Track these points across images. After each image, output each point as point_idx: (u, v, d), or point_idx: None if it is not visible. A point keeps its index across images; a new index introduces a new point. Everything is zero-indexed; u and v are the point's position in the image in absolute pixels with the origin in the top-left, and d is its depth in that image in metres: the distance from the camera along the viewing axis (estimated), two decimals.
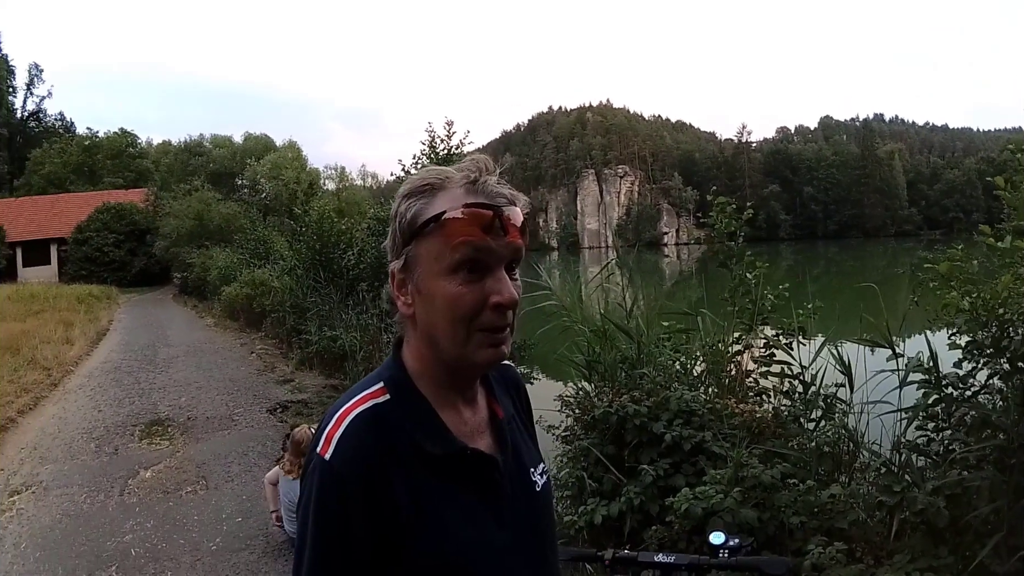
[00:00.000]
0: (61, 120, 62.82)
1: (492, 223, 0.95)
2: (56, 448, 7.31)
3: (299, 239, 13.36)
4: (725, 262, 4.89)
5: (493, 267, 0.96)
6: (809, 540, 2.82)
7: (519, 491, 1.07)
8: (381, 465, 0.93)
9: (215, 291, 20.30)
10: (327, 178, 47.72)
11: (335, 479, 0.92)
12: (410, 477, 0.95)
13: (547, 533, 1.13)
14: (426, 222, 0.96)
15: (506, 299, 0.96)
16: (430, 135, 10.93)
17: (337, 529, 0.91)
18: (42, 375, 10.94)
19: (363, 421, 0.97)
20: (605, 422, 3.78)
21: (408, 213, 0.98)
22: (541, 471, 1.14)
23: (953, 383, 2.97)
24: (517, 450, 1.10)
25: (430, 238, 0.96)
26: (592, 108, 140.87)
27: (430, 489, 0.96)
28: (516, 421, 1.16)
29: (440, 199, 0.97)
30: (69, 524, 5.23)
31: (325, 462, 0.93)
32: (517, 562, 1.02)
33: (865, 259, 58.32)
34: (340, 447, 0.94)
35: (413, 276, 0.99)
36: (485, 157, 1.02)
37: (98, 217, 37.52)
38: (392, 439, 0.96)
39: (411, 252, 0.98)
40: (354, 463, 0.93)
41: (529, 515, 1.07)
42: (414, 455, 0.96)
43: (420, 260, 0.97)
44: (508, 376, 1.21)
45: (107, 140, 52.13)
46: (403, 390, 1.01)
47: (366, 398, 1.00)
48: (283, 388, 9.84)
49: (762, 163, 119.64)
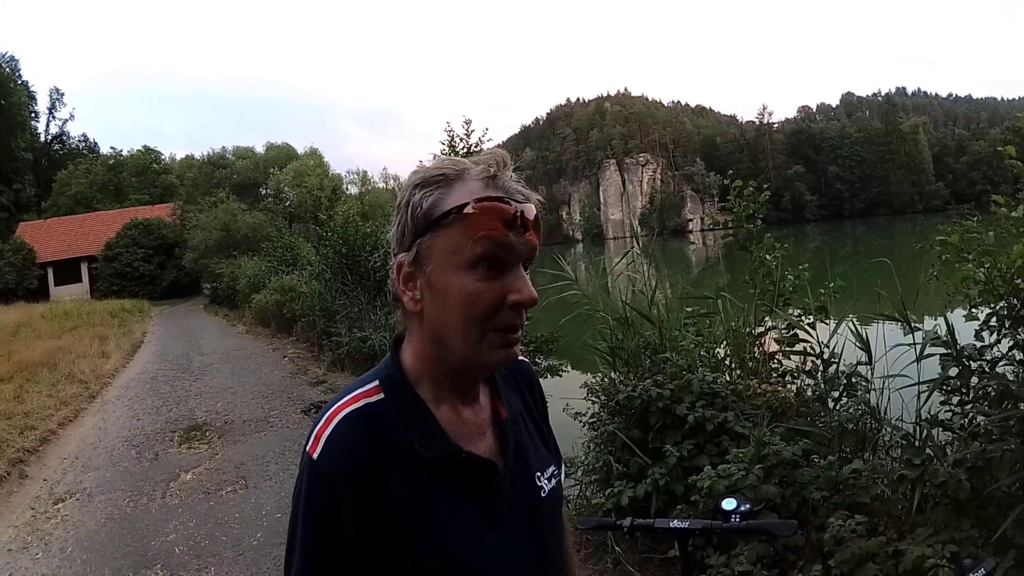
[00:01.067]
0: (84, 141, 64.67)
1: (514, 219, 0.92)
2: (97, 456, 7.53)
3: (325, 244, 13.57)
4: (745, 245, 4.92)
5: (512, 264, 0.93)
6: (831, 515, 2.85)
7: (521, 495, 1.03)
8: (374, 464, 0.91)
9: (245, 299, 20.65)
10: (350, 183, 48.15)
11: (323, 478, 0.91)
12: (406, 477, 0.93)
13: (551, 538, 1.10)
14: (446, 213, 0.92)
15: (526, 298, 0.93)
16: (449, 134, 10.97)
17: (326, 529, 0.90)
18: (80, 388, 11.19)
19: (354, 420, 0.94)
20: (629, 406, 3.85)
21: (424, 203, 0.93)
22: (551, 474, 1.10)
23: (972, 355, 2.97)
24: (522, 452, 1.06)
25: (448, 230, 0.92)
26: (610, 98, 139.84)
27: (427, 490, 0.94)
28: (525, 420, 1.12)
29: (457, 191, 0.93)
30: (114, 527, 5.41)
31: (314, 461, 0.92)
32: (514, 566, 1.00)
33: (894, 236, 57.20)
34: (329, 446, 0.92)
35: (424, 270, 0.94)
36: (503, 152, 0.98)
37: (126, 233, 38.47)
38: (386, 438, 0.93)
39: (424, 244, 0.93)
40: (343, 462, 0.91)
41: (531, 519, 1.04)
42: (408, 456, 0.94)
43: (434, 253, 0.93)
44: (520, 372, 1.17)
45: (131, 158, 53.57)
46: (398, 389, 0.98)
47: (359, 396, 0.97)
48: (316, 389, 10.01)
49: (784, 144, 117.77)
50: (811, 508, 3.00)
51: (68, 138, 64.42)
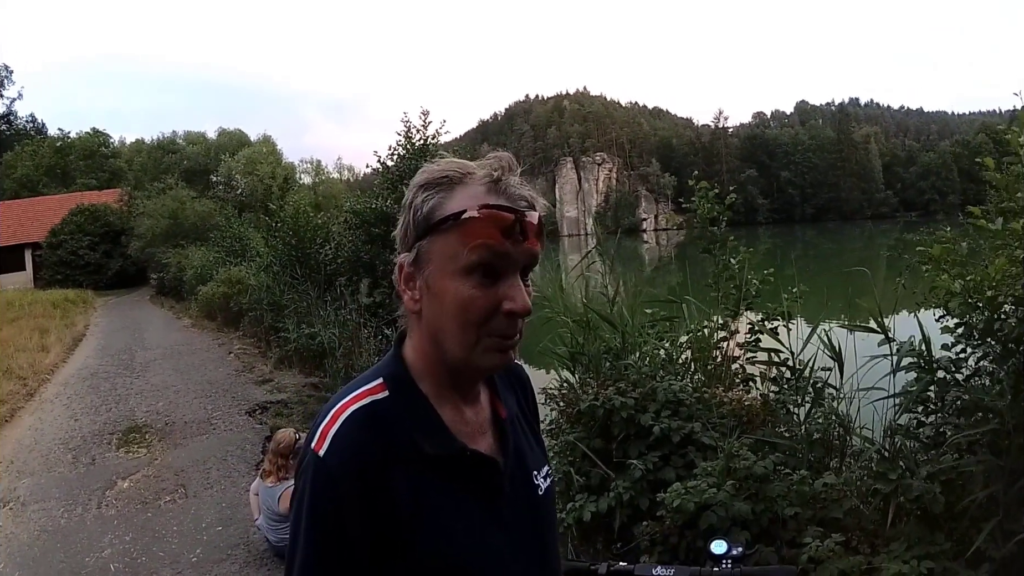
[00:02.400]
0: (32, 122, 61.64)
1: (512, 227, 0.93)
2: (33, 461, 7.12)
3: (275, 235, 13.15)
4: (708, 248, 4.84)
5: (509, 272, 0.94)
6: (804, 531, 2.76)
7: (520, 493, 1.05)
8: (379, 463, 0.91)
9: (191, 291, 19.92)
10: (303, 172, 47.25)
11: (329, 477, 0.90)
12: (409, 476, 0.92)
13: (549, 537, 1.11)
14: (444, 219, 0.93)
15: (519, 307, 0.93)
16: (406, 125, 10.83)
17: (330, 527, 0.89)
18: (18, 385, 10.67)
19: (360, 418, 0.94)
20: (591, 416, 3.69)
21: (424, 206, 0.95)
22: (545, 474, 1.12)
23: (945, 367, 2.92)
24: (520, 451, 1.08)
25: (446, 235, 0.93)
26: (569, 96, 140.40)
27: (430, 488, 0.94)
28: (520, 421, 1.14)
29: (459, 195, 0.94)
30: (47, 540, 5.09)
31: (319, 459, 0.91)
32: (516, 565, 1.01)
33: (843, 242, 58.92)
34: (335, 444, 0.92)
35: (423, 272, 0.95)
36: (508, 155, 0.99)
37: (72, 219, 36.78)
38: (391, 436, 0.93)
39: (424, 247, 0.95)
40: (349, 461, 0.90)
41: (531, 517, 1.06)
42: (413, 454, 0.94)
43: (433, 257, 0.94)
44: (514, 374, 1.18)
45: (79, 140, 51.21)
46: (403, 387, 0.98)
47: (364, 394, 0.97)
48: (262, 388, 9.67)
49: (739, 148, 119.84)
50: (782, 523, 2.89)
51: (16, 118, 61.57)
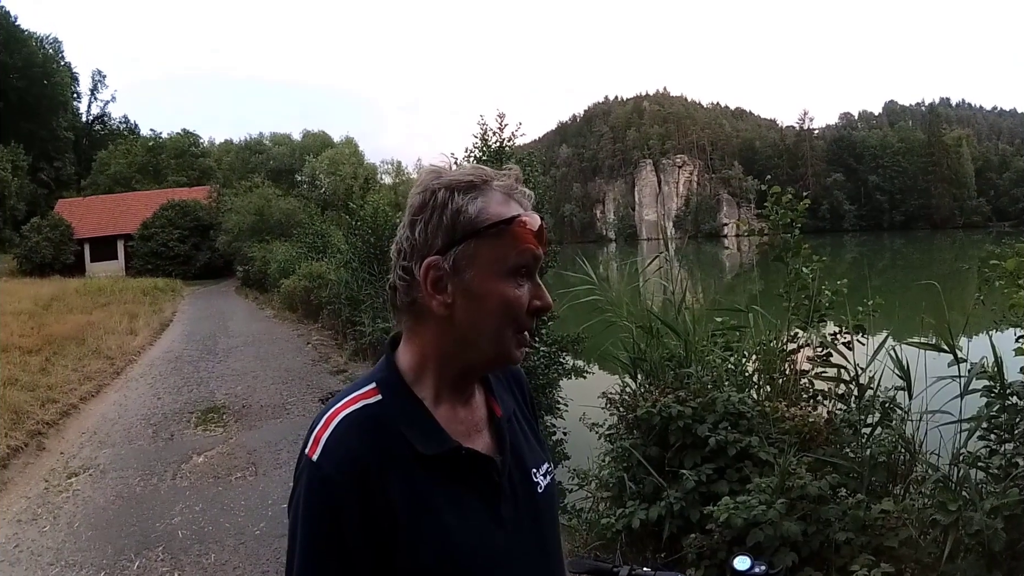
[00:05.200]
0: (125, 123, 66.09)
1: (540, 232, 0.98)
2: (115, 433, 7.59)
3: (355, 232, 13.53)
4: (780, 255, 4.70)
5: (534, 273, 1.00)
6: (856, 558, 2.67)
7: (519, 491, 1.05)
8: (372, 465, 0.92)
9: (274, 283, 20.76)
10: (384, 172, 48.44)
11: (322, 481, 0.91)
12: (406, 477, 0.93)
13: (549, 534, 1.11)
14: (494, 223, 0.96)
15: (547, 304, 1.00)
16: (482, 128, 10.90)
17: (325, 531, 0.91)
18: (105, 364, 11.33)
19: (352, 422, 0.95)
20: (648, 422, 3.67)
21: (469, 208, 0.96)
22: (545, 471, 1.12)
23: (1019, 392, 2.77)
24: (518, 449, 1.09)
25: (494, 239, 0.96)
26: (649, 97, 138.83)
27: (426, 490, 0.94)
28: (518, 418, 1.14)
29: (491, 200, 0.97)
30: (122, 505, 5.44)
31: (313, 464, 0.93)
32: (516, 564, 1.01)
33: (932, 252, 56.05)
34: (327, 449, 0.93)
35: (462, 276, 0.96)
36: (516, 168, 1.03)
37: (163, 214, 38.90)
38: (385, 439, 0.94)
39: (464, 251, 0.95)
40: (342, 465, 0.92)
41: (530, 515, 1.06)
42: (409, 455, 0.94)
43: (477, 260, 0.96)
44: (511, 373, 1.20)
45: (170, 141, 54.45)
46: (395, 390, 0.99)
47: (356, 399, 0.98)
48: (336, 378, 10.01)
49: (825, 151, 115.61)
50: (834, 548, 2.80)
51: (109, 119, 65.99)
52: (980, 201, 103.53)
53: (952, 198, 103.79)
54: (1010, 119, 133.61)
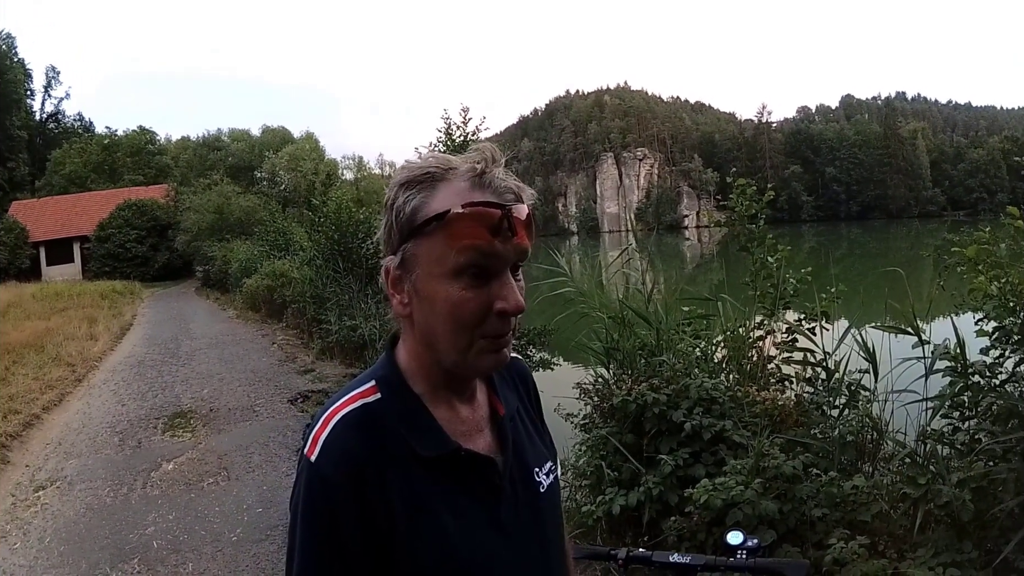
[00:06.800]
0: (80, 120, 63.72)
1: (500, 224, 0.89)
2: (80, 443, 7.39)
3: (318, 230, 13.41)
4: (746, 245, 4.81)
5: (499, 271, 0.91)
6: (831, 533, 2.75)
7: (521, 492, 1.03)
8: (372, 466, 0.90)
9: (236, 283, 20.48)
10: (345, 168, 47.96)
11: (321, 481, 0.90)
12: (405, 477, 0.91)
13: (551, 534, 1.09)
14: (427, 220, 0.89)
15: (512, 307, 0.91)
16: (446, 122, 10.88)
17: (325, 532, 0.89)
18: (66, 371, 11.03)
19: (351, 421, 0.93)
20: (623, 411, 3.73)
21: (407, 207, 0.91)
22: (548, 470, 1.09)
23: (980, 371, 2.88)
24: (520, 448, 1.05)
25: (431, 238, 0.89)
26: (610, 91, 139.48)
27: (425, 491, 0.92)
28: (521, 416, 1.11)
29: (442, 192, 0.90)
30: (93, 518, 5.29)
31: (311, 464, 0.91)
32: (517, 564, 0.99)
33: (888, 241, 57.43)
34: (326, 449, 0.91)
35: (411, 275, 0.92)
36: (492, 145, 0.93)
37: (119, 214, 38.07)
38: (384, 439, 0.92)
39: (409, 250, 0.91)
40: (340, 465, 0.90)
41: (531, 516, 1.03)
42: (408, 455, 0.92)
43: (419, 260, 0.91)
44: (515, 369, 1.15)
45: (126, 138, 52.97)
46: (395, 389, 0.97)
47: (355, 397, 0.96)
48: (304, 378, 9.90)
49: (783, 143, 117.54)
50: (809, 524, 2.90)
51: (63, 117, 63.58)
52: (935, 191, 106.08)
53: (908, 189, 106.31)
54: (965, 112, 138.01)
